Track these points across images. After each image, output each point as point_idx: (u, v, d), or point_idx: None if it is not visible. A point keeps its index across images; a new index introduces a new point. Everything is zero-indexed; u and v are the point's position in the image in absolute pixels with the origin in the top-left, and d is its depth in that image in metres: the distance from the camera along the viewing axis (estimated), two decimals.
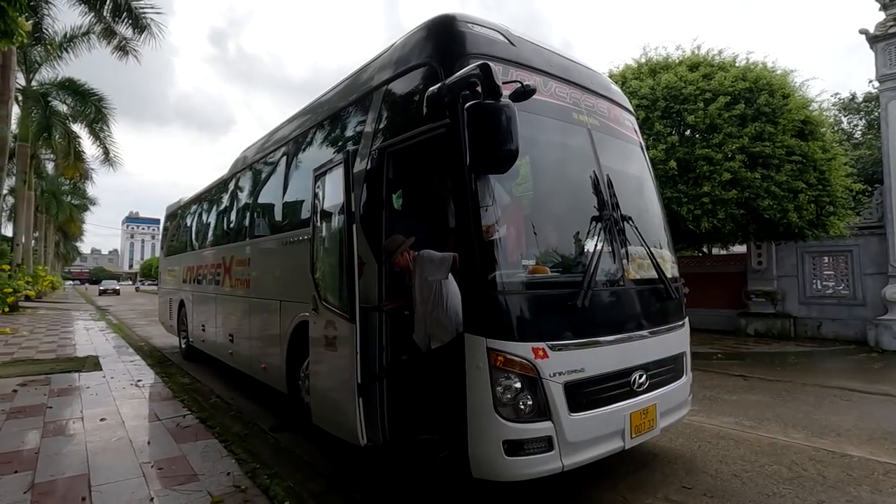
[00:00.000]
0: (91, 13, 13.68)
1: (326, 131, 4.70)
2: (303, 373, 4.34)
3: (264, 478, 3.38)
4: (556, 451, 2.75)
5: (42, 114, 18.47)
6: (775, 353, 9.67)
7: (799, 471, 3.81)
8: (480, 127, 2.55)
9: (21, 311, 17.48)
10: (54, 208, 32.63)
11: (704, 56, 10.74)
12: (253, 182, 6.35)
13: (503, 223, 2.94)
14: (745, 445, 4.37)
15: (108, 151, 20.08)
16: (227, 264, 6.57)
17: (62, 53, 16.70)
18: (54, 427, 4.49)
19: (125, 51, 14.96)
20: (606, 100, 3.95)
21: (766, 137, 9.21)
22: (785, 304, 12.02)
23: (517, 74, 3.13)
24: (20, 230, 21.53)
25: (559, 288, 3.02)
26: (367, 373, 3.30)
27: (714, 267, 13.91)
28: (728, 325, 12.48)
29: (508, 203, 3.17)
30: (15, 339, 10.87)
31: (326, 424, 3.80)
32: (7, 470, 3.49)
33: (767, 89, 9.54)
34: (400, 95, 3.59)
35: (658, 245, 3.84)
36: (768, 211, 9.15)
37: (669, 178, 9.29)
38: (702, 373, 7.27)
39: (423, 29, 3.46)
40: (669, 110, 9.86)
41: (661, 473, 3.74)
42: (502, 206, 2.99)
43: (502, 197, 3.02)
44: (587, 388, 2.92)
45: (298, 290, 4.35)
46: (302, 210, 4.82)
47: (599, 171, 3.47)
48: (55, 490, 3.20)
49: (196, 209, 9.01)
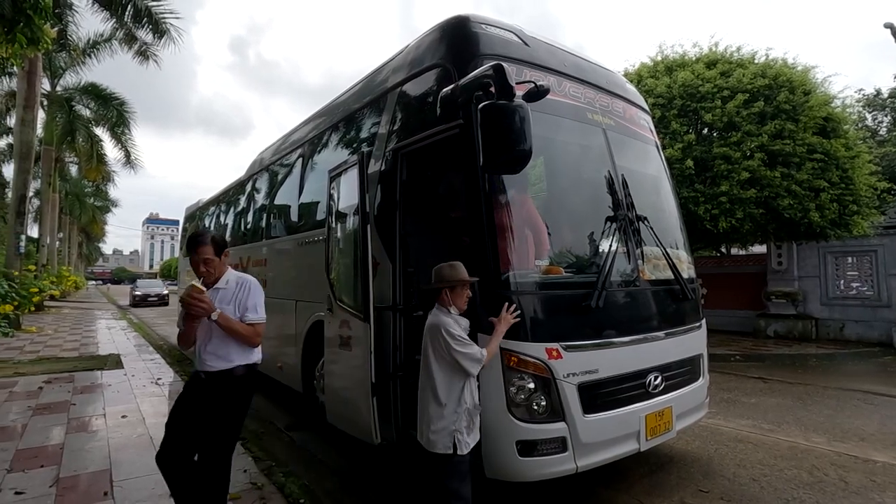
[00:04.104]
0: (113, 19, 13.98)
1: (341, 133, 4.75)
2: (318, 372, 4.39)
3: (280, 475, 3.43)
4: (569, 452, 2.73)
5: (66, 118, 18.95)
6: (796, 355, 9.46)
7: (820, 476, 3.73)
8: (494, 127, 2.55)
9: (46, 310, 17.95)
10: (78, 210, 33.42)
11: (722, 53, 10.57)
12: (269, 183, 6.44)
13: (516, 223, 2.94)
14: (763, 449, 4.29)
15: (129, 154, 20.52)
16: (244, 264, 6.67)
17: (85, 59, 17.11)
18: (77, 423, 4.61)
19: (146, 55, 15.28)
20: (621, 99, 3.93)
21: (787, 135, 9.03)
22: (806, 305, 11.76)
23: (531, 74, 3.13)
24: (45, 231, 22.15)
25: (573, 288, 3.00)
26: (381, 372, 3.32)
27: (732, 267, 13.68)
28: (746, 326, 12.25)
29: (522, 203, 3.16)
30: (40, 337, 11.18)
31: (341, 423, 3.84)
32: (33, 464, 3.59)
33: (788, 86, 9.35)
34: (414, 97, 3.61)
35: (674, 245, 3.80)
36: (789, 210, 8.97)
37: (686, 177, 9.17)
38: (719, 375, 7.16)
39: (437, 30, 3.47)
40: (686, 109, 9.73)
41: (677, 476, 3.69)
42: (516, 206, 2.99)
43: (516, 197, 3.02)
44: (602, 389, 2.91)
45: (314, 290, 4.40)
46: (317, 211, 4.87)
47: (614, 171, 3.44)
48: (78, 484, 3.29)
49: (214, 210, 9.16)
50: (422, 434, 2.45)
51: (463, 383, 2.41)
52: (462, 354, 2.36)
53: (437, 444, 2.37)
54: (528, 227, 3.08)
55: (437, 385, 2.40)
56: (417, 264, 3.63)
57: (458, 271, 2.54)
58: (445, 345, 2.37)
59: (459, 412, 2.38)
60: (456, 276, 2.53)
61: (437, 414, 2.38)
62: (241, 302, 2.51)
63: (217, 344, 2.47)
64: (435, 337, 2.42)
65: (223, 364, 2.46)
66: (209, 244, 2.48)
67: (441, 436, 2.36)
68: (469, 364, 2.37)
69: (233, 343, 2.47)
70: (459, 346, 2.37)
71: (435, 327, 2.43)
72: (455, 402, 2.38)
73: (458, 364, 2.36)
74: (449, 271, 2.55)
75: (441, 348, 2.39)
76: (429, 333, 2.47)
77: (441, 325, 2.41)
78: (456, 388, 2.40)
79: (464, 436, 2.37)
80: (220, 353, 2.47)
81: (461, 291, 2.53)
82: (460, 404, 2.39)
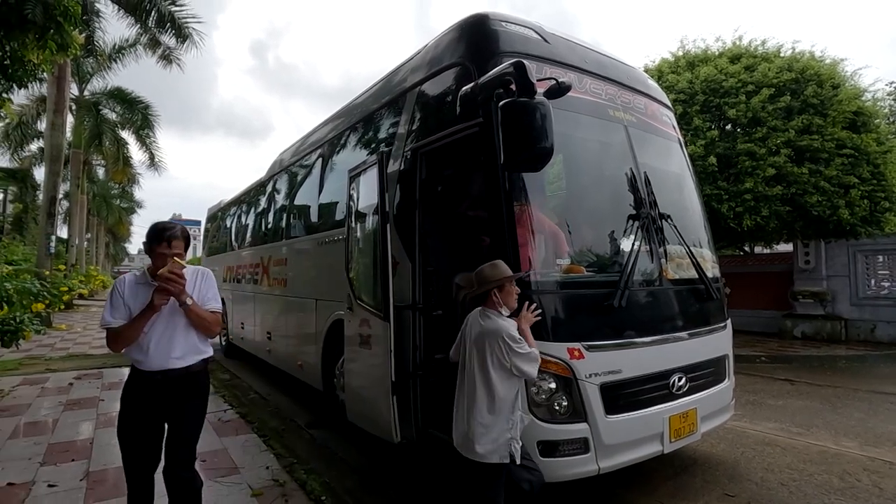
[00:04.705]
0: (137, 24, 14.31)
1: (360, 133, 4.77)
2: (338, 370, 4.42)
3: (301, 473, 3.47)
4: (591, 454, 2.70)
5: (93, 122, 19.49)
6: (824, 356, 9.19)
7: (852, 481, 3.61)
8: (515, 125, 2.53)
9: (75, 308, 18.49)
10: (104, 211, 34.32)
11: (746, 47, 10.33)
12: (289, 184, 6.52)
13: (537, 222, 2.91)
14: (792, 453, 4.18)
15: (153, 156, 21.03)
16: (265, 264, 6.77)
17: (111, 64, 17.57)
18: (105, 419, 4.73)
19: (169, 59, 15.59)
20: (643, 95, 3.86)
21: (815, 130, 8.79)
22: (835, 305, 11.41)
23: (551, 71, 3.09)
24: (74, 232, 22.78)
25: (595, 287, 2.96)
26: (401, 371, 3.33)
27: (756, 266, 13.35)
28: (772, 326, 11.94)
29: (542, 201, 3.14)
30: (70, 334, 11.53)
31: (361, 421, 3.86)
32: (65, 458, 3.71)
33: (815, 80, 9.10)
34: (433, 96, 3.61)
35: (698, 244, 3.73)
36: (817, 207, 8.72)
37: (709, 174, 8.99)
38: (744, 376, 6.99)
39: (456, 29, 3.47)
40: (709, 104, 9.53)
41: (701, 479, 3.62)
42: (536, 204, 2.96)
43: (536, 195, 2.99)
44: (624, 389, 2.87)
45: (333, 289, 4.43)
46: (336, 211, 4.91)
47: (636, 169, 3.39)
48: (107, 478, 3.38)
49: (235, 211, 9.31)
50: (469, 445, 2.30)
51: (517, 389, 2.35)
52: (523, 358, 2.28)
53: (493, 455, 2.27)
54: (548, 225, 3.05)
55: (497, 393, 2.28)
56: (437, 264, 3.63)
57: (501, 269, 2.41)
58: (507, 349, 2.26)
59: (514, 420, 2.32)
60: (500, 273, 2.39)
61: (494, 423, 2.28)
62: (202, 291, 2.39)
63: (181, 338, 2.32)
64: (493, 342, 2.29)
65: (190, 359, 2.34)
66: (181, 238, 2.33)
67: (498, 445, 2.27)
68: (530, 367, 2.29)
69: (194, 336, 2.36)
70: (521, 349, 2.28)
71: (493, 332, 2.30)
72: (510, 410, 2.31)
73: (515, 369, 2.27)
74: (491, 271, 2.41)
75: (501, 354, 2.27)
76: (485, 339, 2.32)
77: (502, 330, 2.29)
78: (512, 395, 2.33)
79: (518, 444, 2.31)
80: (186, 348, 2.33)
81: (510, 290, 2.41)
82: (514, 412, 2.32)
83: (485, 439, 2.27)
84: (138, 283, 2.33)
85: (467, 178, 3.93)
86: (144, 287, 2.30)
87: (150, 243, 2.31)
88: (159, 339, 2.28)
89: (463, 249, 3.80)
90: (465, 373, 2.42)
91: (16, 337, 5.23)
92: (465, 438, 2.35)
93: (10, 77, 5.31)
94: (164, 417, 2.30)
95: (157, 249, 2.27)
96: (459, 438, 2.39)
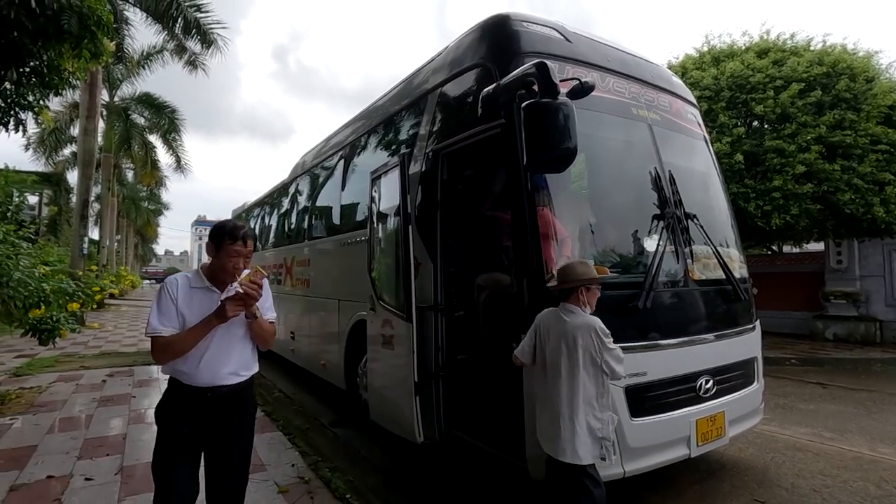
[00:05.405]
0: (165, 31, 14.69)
1: (381, 135, 4.81)
2: (360, 370, 4.47)
3: (325, 471, 3.51)
4: (616, 457, 2.67)
5: (123, 126, 20.14)
6: (858, 359, 8.89)
7: (889, 489, 3.49)
8: (538, 126, 2.52)
9: (106, 307, 19.08)
10: (133, 213, 35.34)
11: (774, 41, 10.07)
12: (311, 185, 6.61)
13: (560, 222, 2.89)
14: (824, 459, 4.05)
15: (179, 159, 21.61)
16: (288, 265, 6.88)
17: (140, 70, 18.09)
18: (136, 415, 4.88)
19: (194, 65, 15.96)
20: (667, 93, 3.80)
21: (847, 126, 8.52)
22: (869, 306, 11.03)
23: (574, 71, 3.07)
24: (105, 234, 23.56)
25: (619, 288, 2.93)
26: (423, 371, 3.35)
27: (785, 266, 13.00)
28: (802, 328, 11.61)
29: (565, 202, 3.11)
30: (102, 333, 11.90)
31: (384, 421, 3.89)
32: (100, 453, 3.84)
33: (848, 73, 8.81)
34: (454, 97, 3.62)
35: (724, 243, 3.65)
36: (850, 205, 8.45)
37: (735, 172, 8.79)
38: (774, 379, 6.81)
39: (478, 30, 3.47)
40: (735, 101, 9.32)
41: (730, 484, 3.54)
42: (559, 204, 2.94)
43: (559, 196, 2.97)
44: (650, 392, 2.82)
45: (356, 289, 4.48)
46: (358, 212, 4.96)
47: (661, 167, 3.34)
48: (139, 473, 3.48)
49: (259, 212, 9.49)
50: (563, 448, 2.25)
51: (608, 387, 2.33)
52: (614, 354, 2.26)
53: (588, 456, 2.25)
54: (572, 225, 3.03)
55: (588, 391, 2.26)
56: (458, 265, 3.63)
57: (591, 269, 2.41)
58: (599, 343, 2.24)
59: (605, 418, 2.30)
60: (592, 273, 2.38)
61: (589, 423, 2.27)
62: (262, 300, 2.08)
63: (238, 351, 2.10)
64: (585, 337, 2.25)
65: (242, 374, 2.11)
66: (253, 238, 2.13)
67: (591, 446, 2.26)
68: (619, 365, 2.28)
69: (249, 349, 2.16)
70: (612, 345, 2.25)
71: (584, 326, 2.27)
72: (601, 409, 2.29)
73: (605, 365, 2.26)
74: (583, 269, 2.38)
75: (594, 349, 2.24)
76: (576, 333, 2.27)
77: (594, 323, 2.26)
78: (607, 392, 2.31)
79: (609, 443, 2.29)
80: (240, 362, 2.11)
81: (596, 290, 2.41)
82: (604, 410, 2.30)
83: (580, 440, 2.24)
84: (193, 288, 2.05)
85: (489, 179, 3.93)
86: (201, 293, 2.04)
87: (221, 239, 2.03)
88: (215, 351, 2.02)
89: (484, 251, 3.80)
90: (547, 374, 2.37)
91: (53, 335, 5.43)
92: (557, 440, 2.29)
93: (46, 85, 5.52)
94: (209, 441, 2.04)
95: (232, 246, 2.02)
96: (550, 442, 2.33)
